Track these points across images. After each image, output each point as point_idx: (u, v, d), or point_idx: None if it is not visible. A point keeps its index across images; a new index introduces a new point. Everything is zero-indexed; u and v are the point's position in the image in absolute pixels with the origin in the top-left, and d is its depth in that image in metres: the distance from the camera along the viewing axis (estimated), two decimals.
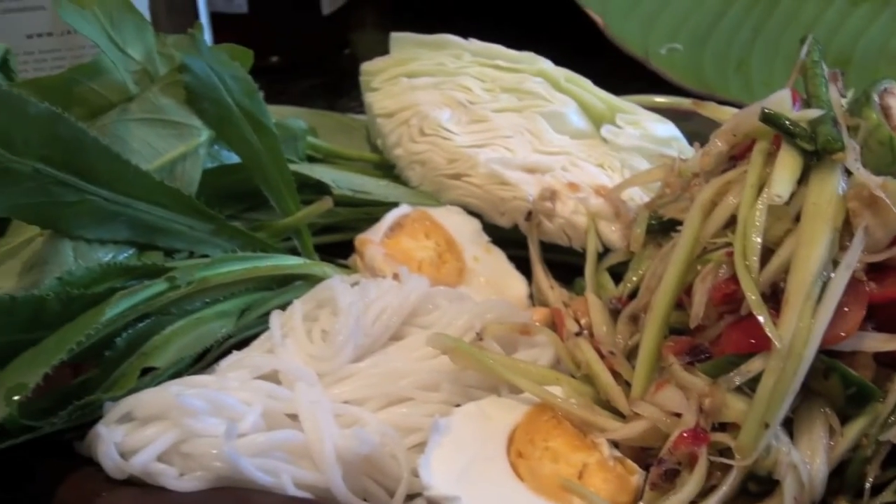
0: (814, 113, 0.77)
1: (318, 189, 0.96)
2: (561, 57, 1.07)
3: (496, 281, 0.91)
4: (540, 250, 0.92)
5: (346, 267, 0.92)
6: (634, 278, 0.86)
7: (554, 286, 0.91)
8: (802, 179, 0.75)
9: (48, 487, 0.74)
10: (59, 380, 0.80)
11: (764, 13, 1.21)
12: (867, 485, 0.71)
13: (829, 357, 0.71)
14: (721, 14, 1.21)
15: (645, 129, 0.98)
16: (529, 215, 0.92)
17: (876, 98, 0.79)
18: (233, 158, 0.95)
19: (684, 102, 1.03)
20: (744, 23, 1.20)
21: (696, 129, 0.93)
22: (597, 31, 1.15)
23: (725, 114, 0.86)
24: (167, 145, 0.91)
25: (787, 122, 0.75)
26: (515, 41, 1.08)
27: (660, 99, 1.04)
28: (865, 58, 1.13)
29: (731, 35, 1.18)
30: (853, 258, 0.71)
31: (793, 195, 0.74)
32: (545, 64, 1.04)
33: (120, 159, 0.86)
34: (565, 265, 0.92)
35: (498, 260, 0.93)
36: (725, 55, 1.13)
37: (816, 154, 0.74)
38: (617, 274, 0.89)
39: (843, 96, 0.81)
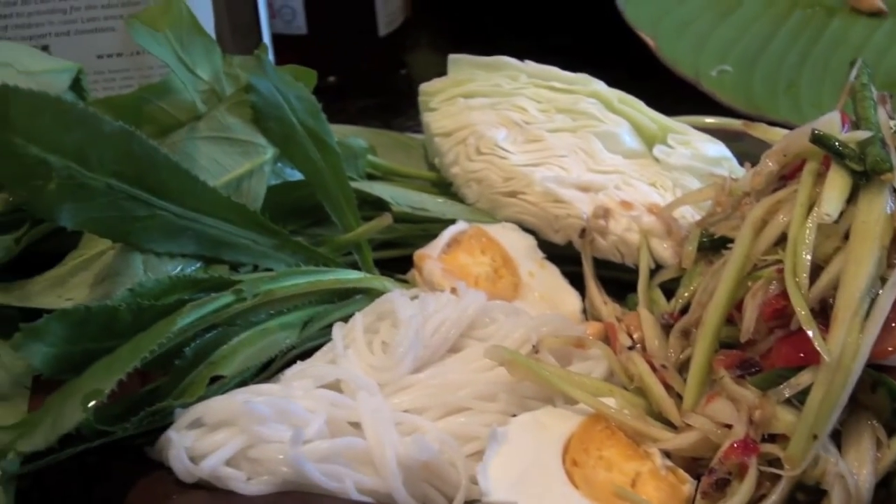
0: (863, 134, 0.78)
1: (377, 206, 0.97)
2: (614, 79, 1.07)
3: (551, 296, 0.92)
4: (593, 266, 0.93)
5: (404, 281, 0.93)
6: (686, 294, 0.86)
7: (607, 301, 0.91)
8: (851, 199, 0.75)
9: (120, 490, 0.75)
10: (130, 387, 0.79)
11: (813, 36, 1.21)
12: None
13: (877, 371, 0.71)
14: (770, 36, 1.21)
15: (696, 149, 0.99)
16: (583, 232, 0.93)
17: None
18: (296, 175, 0.96)
19: (735, 123, 1.03)
20: (793, 45, 1.20)
21: (746, 150, 0.94)
22: (649, 53, 1.16)
23: (776, 135, 0.87)
24: (233, 162, 0.92)
25: (836, 144, 0.76)
26: (569, 63, 1.08)
27: (710, 119, 1.04)
28: None
29: (781, 57, 1.18)
30: None
31: (842, 214, 0.74)
32: (599, 85, 1.05)
33: (189, 176, 0.87)
34: (618, 281, 0.93)
35: (552, 275, 0.93)
36: (775, 77, 1.13)
37: (865, 174, 0.75)
38: (668, 290, 0.90)
39: (892, 118, 0.81)
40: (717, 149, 1.00)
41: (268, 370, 0.84)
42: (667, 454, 0.77)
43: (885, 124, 0.79)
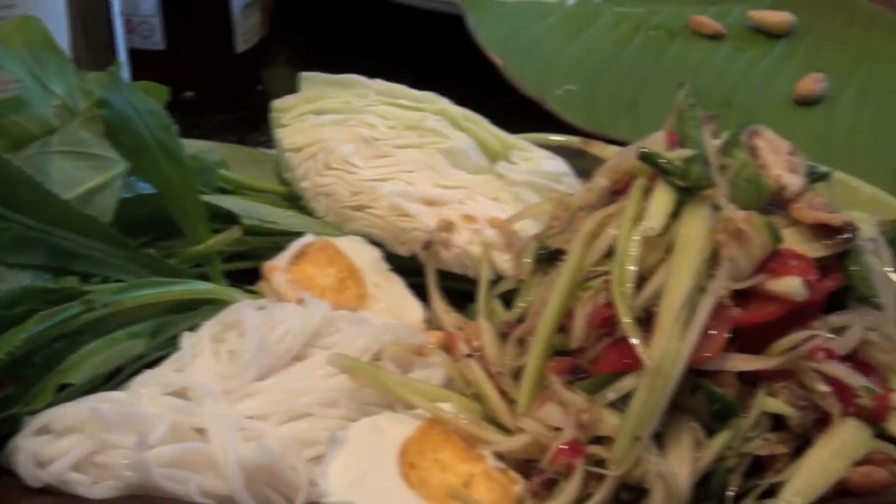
0: (686, 153, 0.81)
1: (228, 219, 0.98)
2: (464, 97, 1.10)
3: (395, 306, 0.94)
4: (437, 278, 0.95)
5: (253, 292, 0.93)
6: (523, 304, 0.88)
7: (449, 311, 0.93)
8: (676, 213, 0.79)
9: None
10: None
11: (654, 58, 1.26)
12: (730, 493, 0.74)
13: (696, 376, 0.75)
14: (614, 58, 1.25)
15: (537, 165, 1.02)
16: (428, 245, 0.95)
17: (744, 139, 0.83)
18: (148, 189, 0.95)
19: (574, 141, 1.06)
20: (635, 67, 1.24)
21: (587, 167, 0.96)
22: (498, 72, 1.19)
23: (611, 152, 0.91)
24: (86, 176, 0.92)
25: (661, 161, 0.80)
26: (419, 82, 1.10)
27: (551, 137, 1.07)
28: (748, 100, 1.18)
29: (623, 78, 1.22)
30: (719, 286, 0.75)
31: (667, 228, 0.78)
32: (445, 103, 1.07)
33: (41, 189, 0.88)
34: (460, 292, 0.94)
35: (397, 287, 0.95)
36: (617, 97, 1.16)
37: (689, 190, 0.78)
38: (508, 300, 0.91)
39: (716, 137, 0.85)
40: (557, 165, 1.03)
41: (116, 379, 0.83)
42: (500, 456, 0.78)
43: (709, 143, 0.83)
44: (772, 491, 0.75)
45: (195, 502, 0.74)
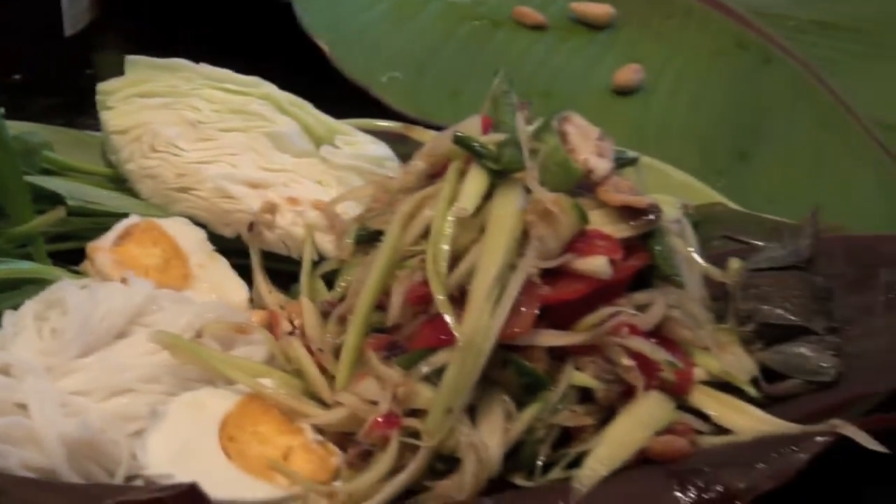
0: (499, 137, 0.83)
1: (53, 200, 0.96)
2: (293, 84, 1.11)
3: (219, 286, 0.94)
4: (261, 259, 0.95)
5: (77, 272, 0.92)
6: (343, 284, 0.89)
7: (272, 291, 0.94)
8: (489, 195, 0.81)
9: None
10: None
11: (478, 48, 1.28)
12: (539, 463, 0.77)
13: (507, 351, 0.77)
14: (439, 47, 1.27)
15: (360, 149, 1.03)
16: (252, 226, 0.95)
17: (555, 125, 0.85)
18: None
19: (396, 126, 1.08)
20: (459, 56, 1.26)
21: (409, 152, 0.96)
22: (327, 59, 1.20)
23: (430, 137, 0.93)
24: None
25: (475, 145, 0.82)
26: (249, 68, 1.11)
27: (376, 122, 1.09)
28: (568, 89, 1.21)
29: (447, 67, 1.24)
30: (528, 264, 0.77)
31: (480, 209, 0.80)
32: (270, 88, 1.08)
33: None
34: (284, 273, 0.96)
35: (221, 267, 0.96)
36: (441, 84, 1.19)
37: (501, 173, 0.81)
38: (330, 280, 0.93)
39: (530, 123, 0.87)
40: (381, 149, 1.05)
41: None
42: (319, 430, 0.80)
43: (522, 128, 0.85)
44: (579, 460, 0.76)
45: (16, 475, 0.73)
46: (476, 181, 0.82)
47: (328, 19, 1.23)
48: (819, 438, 0.75)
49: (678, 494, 0.72)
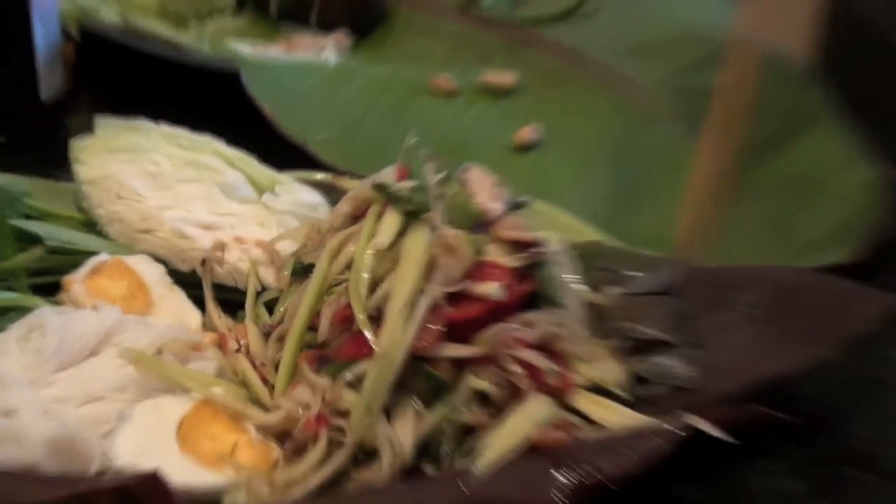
0: (410, 184, 0.88)
1: (32, 240, 0.98)
2: (240, 140, 1.14)
3: (177, 313, 0.96)
4: (212, 289, 0.98)
5: (55, 302, 0.94)
6: (282, 309, 0.93)
7: (221, 316, 0.96)
8: (402, 232, 0.86)
9: None
10: None
11: (398, 112, 1.30)
12: (445, 454, 0.80)
13: (417, 361, 0.81)
14: (366, 111, 1.29)
15: (296, 197, 1.07)
16: (204, 262, 0.98)
17: (458, 175, 0.92)
18: None
19: (327, 177, 1.11)
20: (382, 119, 1.29)
21: (337, 198, 0.99)
22: (268, 120, 1.24)
23: (355, 185, 0.96)
24: None
25: (390, 190, 0.87)
26: (202, 127, 1.13)
27: (311, 174, 1.12)
28: (475, 146, 1.24)
29: (373, 127, 1.26)
30: (434, 289, 0.81)
31: (394, 244, 0.85)
32: (219, 145, 1.10)
33: None
34: (231, 301, 0.98)
35: (178, 297, 0.98)
36: (368, 142, 1.21)
37: (412, 214, 0.86)
38: (270, 307, 0.96)
39: (437, 174, 0.91)
40: (314, 197, 1.08)
41: None
42: (262, 430, 0.84)
43: (430, 177, 0.89)
44: (477, 451, 0.79)
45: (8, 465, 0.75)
46: (391, 221, 0.87)
47: (271, 88, 1.25)
48: (676, 430, 0.79)
49: (557, 476, 0.75)
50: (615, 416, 0.85)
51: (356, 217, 0.91)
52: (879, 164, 1.18)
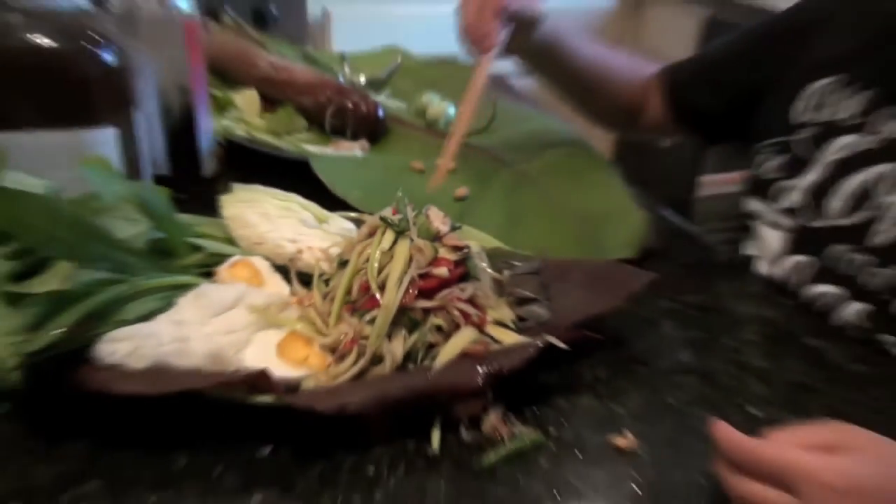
0: (399, 216, 0.87)
1: (198, 248, 0.93)
2: (310, 195, 1.08)
3: (276, 287, 0.93)
4: (295, 275, 0.93)
5: (212, 281, 0.91)
6: (333, 283, 0.88)
7: (300, 289, 0.92)
8: (395, 242, 0.85)
9: (78, 368, 0.71)
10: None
11: (395, 180, 1.19)
12: (418, 359, 0.79)
13: (403, 309, 0.79)
14: (378, 180, 1.22)
15: (340, 225, 1.05)
16: (291, 260, 0.94)
17: (424, 211, 0.90)
18: (162, 234, 0.89)
19: (357, 215, 1.09)
20: (387, 184, 1.16)
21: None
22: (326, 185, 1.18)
23: (370, 219, 0.92)
24: (128, 228, 0.85)
25: (389, 220, 0.86)
26: (291, 190, 1.07)
27: (349, 214, 1.09)
28: (433, 198, 1.05)
29: (381, 188, 1.14)
30: (412, 271, 0.80)
31: (391, 248, 0.84)
32: (299, 198, 1.06)
33: (108, 234, 0.80)
34: (307, 281, 0.92)
35: (277, 279, 0.94)
36: (379, 197, 1.06)
37: (400, 232, 0.85)
38: (327, 282, 0.90)
39: (413, 211, 0.89)
40: (349, 225, 1.06)
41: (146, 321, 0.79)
42: (322, 347, 0.82)
43: (409, 213, 0.87)
44: (436, 357, 0.79)
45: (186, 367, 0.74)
46: (389, 236, 0.86)
47: (326, 169, 1.21)
48: (540, 344, 0.80)
49: (478, 368, 0.76)
50: (508, 338, 0.83)
51: (371, 234, 0.89)
52: (644, 206, 1.17)
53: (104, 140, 0.88)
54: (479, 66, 1.09)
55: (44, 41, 0.82)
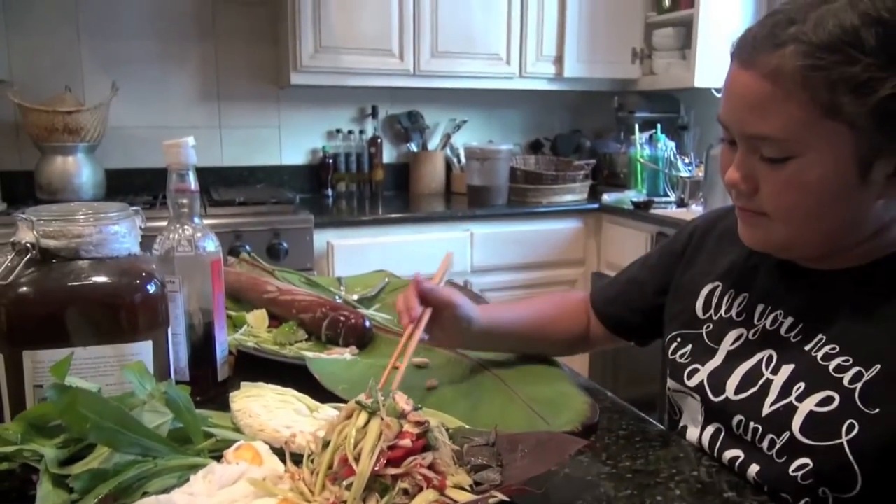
0: (370, 400, 0.95)
1: (210, 436, 1.02)
2: (305, 390, 1.16)
3: (273, 466, 0.97)
4: (289, 454, 0.98)
5: (219, 461, 0.96)
6: (318, 460, 0.93)
7: (292, 466, 0.96)
8: (368, 421, 0.92)
9: None
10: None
11: (376, 374, 1.22)
12: None
13: (376, 476, 0.84)
14: (360, 378, 1.24)
15: (327, 413, 1.11)
16: (286, 443, 1.01)
17: (391, 394, 0.95)
18: (178, 423, 0.99)
19: (342, 404, 1.14)
20: (366, 378, 1.14)
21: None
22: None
23: (349, 405, 0.97)
24: (155, 419, 0.94)
25: (363, 403, 0.92)
26: (288, 385, 1.16)
27: (335, 405, 1.14)
28: (406, 388, 1.12)
29: (361, 382, 1.09)
30: (381, 444, 0.85)
31: (365, 425, 0.90)
32: (295, 393, 1.14)
33: (141, 425, 0.88)
34: (298, 458, 0.97)
35: (274, 459, 0.99)
36: (360, 387, 1.15)
37: (372, 413, 0.91)
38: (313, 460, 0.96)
39: (383, 396, 0.96)
40: (335, 413, 1.09)
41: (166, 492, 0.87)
42: None
43: (379, 399, 0.93)
44: None
45: None
46: (363, 416, 0.93)
47: (320, 369, 1.30)
48: (491, 500, 0.87)
49: None
50: (463, 497, 0.85)
51: (349, 416, 0.95)
52: (586, 395, 1.24)
53: (141, 351, 0.98)
54: (408, 334, 1.21)
55: (102, 279, 0.98)
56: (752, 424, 0.94)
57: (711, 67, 3.28)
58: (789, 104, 0.80)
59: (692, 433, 1.07)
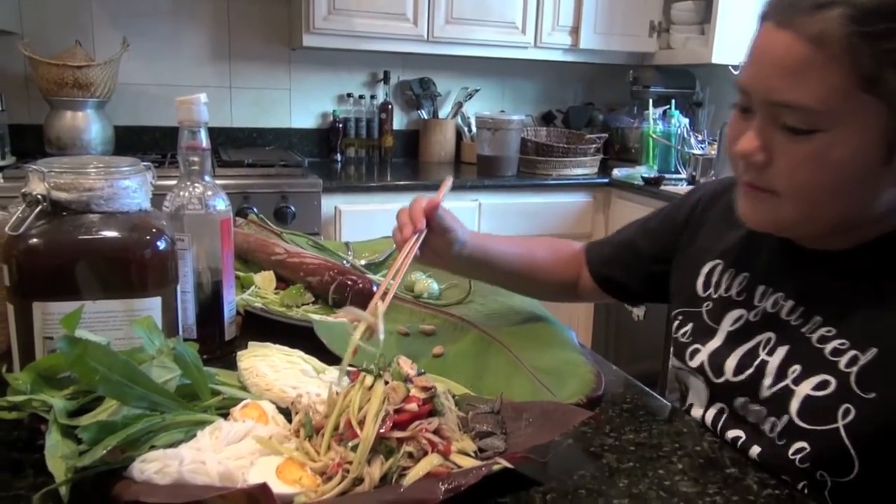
0: (376, 364, 0.96)
1: (217, 393, 1.03)
2: (312, 352, 1.17)
3: (279, 423, 0.98)
4: (294, 413, 1.01)
5: (226, 418, 0.97)
6: (321, 423, 0.94)
7: (299, 426, 1.00)
8: (374, 383, 0.92)
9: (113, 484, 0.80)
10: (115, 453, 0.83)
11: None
12: (393, 480, 0.85)
13: (381, 439, 0.85)
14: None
15: (335, 376, 1.08)
16: (293, 403, 1.01)
17: (395, 359, 0.98)
18: (186, 380, 0.99)
19: (349, 367, 1.13)
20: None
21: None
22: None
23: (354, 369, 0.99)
24: (164, 374, 0.94)
25: (368, 368, 0.92)
26: (295, 346, 1.16)
27: (342, 367, 1.07)
28: (414, 355, 1.18)
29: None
30: (389, 406, 0.87)
31: (371, 387, 0.91)
32: (302, 354, 1.15)
33: (148, 378, 0.89)
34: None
35: (280, 418, 1.00)
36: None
37: (378, 376, 0.91)
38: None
39: (389, 364, 0.97)
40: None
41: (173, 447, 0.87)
42: (313, 470, 0.87)
43: (383, 364, 0.94)
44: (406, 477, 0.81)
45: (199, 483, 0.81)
46: (369, 378, 0.94)
47: (326, 331, 1.28)
48: (494, 467, 0.88)
49: (440, 485, 0.83)
50: (467, 463, 0.86)
51: (353, 381, 0.96)
52: (592, 365, 1.23)
53: (151, 307, 0.98)
54: (406, 249, 1.16)
55: (112, 234, 0.97)
56: (753, 406, 0.94)
57: (731, 43, 3.20)
58: (829, 72, 0.72)
59: (697, 412, 1.07)
